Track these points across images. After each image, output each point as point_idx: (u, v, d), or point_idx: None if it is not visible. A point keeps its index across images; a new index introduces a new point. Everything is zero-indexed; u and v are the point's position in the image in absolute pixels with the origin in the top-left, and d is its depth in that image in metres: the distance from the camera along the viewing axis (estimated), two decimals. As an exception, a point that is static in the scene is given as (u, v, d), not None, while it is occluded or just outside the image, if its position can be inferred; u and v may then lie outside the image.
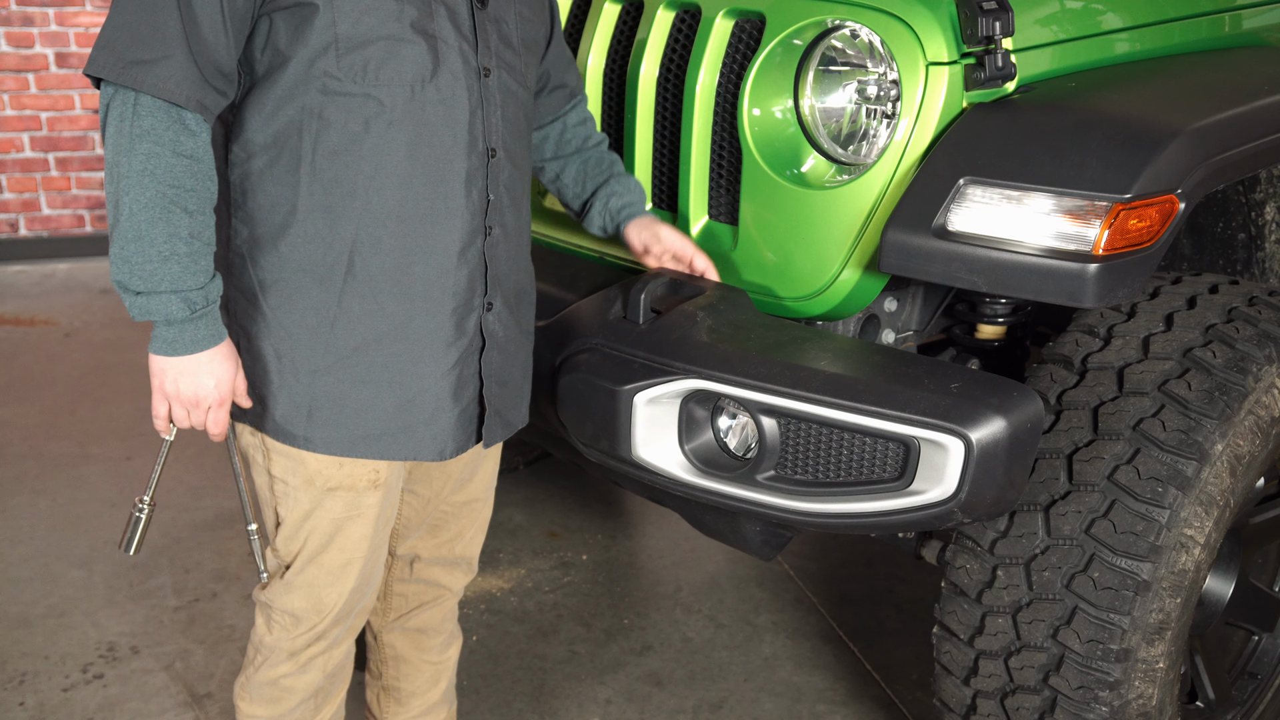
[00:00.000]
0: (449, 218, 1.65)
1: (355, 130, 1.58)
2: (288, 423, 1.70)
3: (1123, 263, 1.75)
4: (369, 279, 1.64)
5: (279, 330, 1.66)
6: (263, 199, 1.63)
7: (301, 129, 1.58)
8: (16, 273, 5.43)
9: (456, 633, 2.18)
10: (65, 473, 3.52)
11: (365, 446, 1.72)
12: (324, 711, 1.98)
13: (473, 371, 1.75)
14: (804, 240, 1.96)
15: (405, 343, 1.68)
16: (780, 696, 2.67)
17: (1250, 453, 1.91)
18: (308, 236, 1.62)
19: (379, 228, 1.62)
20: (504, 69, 1.69)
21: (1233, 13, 2.39)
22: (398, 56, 1.57)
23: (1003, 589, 1.93)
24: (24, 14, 5.29)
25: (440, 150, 1.62)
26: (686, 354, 1.85)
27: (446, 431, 1.75)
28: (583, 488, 3.54)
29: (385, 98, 1.57)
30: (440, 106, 1.61)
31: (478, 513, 2.05)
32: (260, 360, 1.68)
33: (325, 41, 1.54)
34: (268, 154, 1.61)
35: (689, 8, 2.09)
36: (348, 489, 1.76)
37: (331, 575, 1.81)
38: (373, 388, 1.69)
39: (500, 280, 1.75)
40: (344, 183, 1.60)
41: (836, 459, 1.79)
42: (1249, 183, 2.43)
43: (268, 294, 1.65)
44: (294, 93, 1.57)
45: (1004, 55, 1.84)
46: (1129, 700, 1.88)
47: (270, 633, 1.88)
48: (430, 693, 2.18)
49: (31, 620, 2.85)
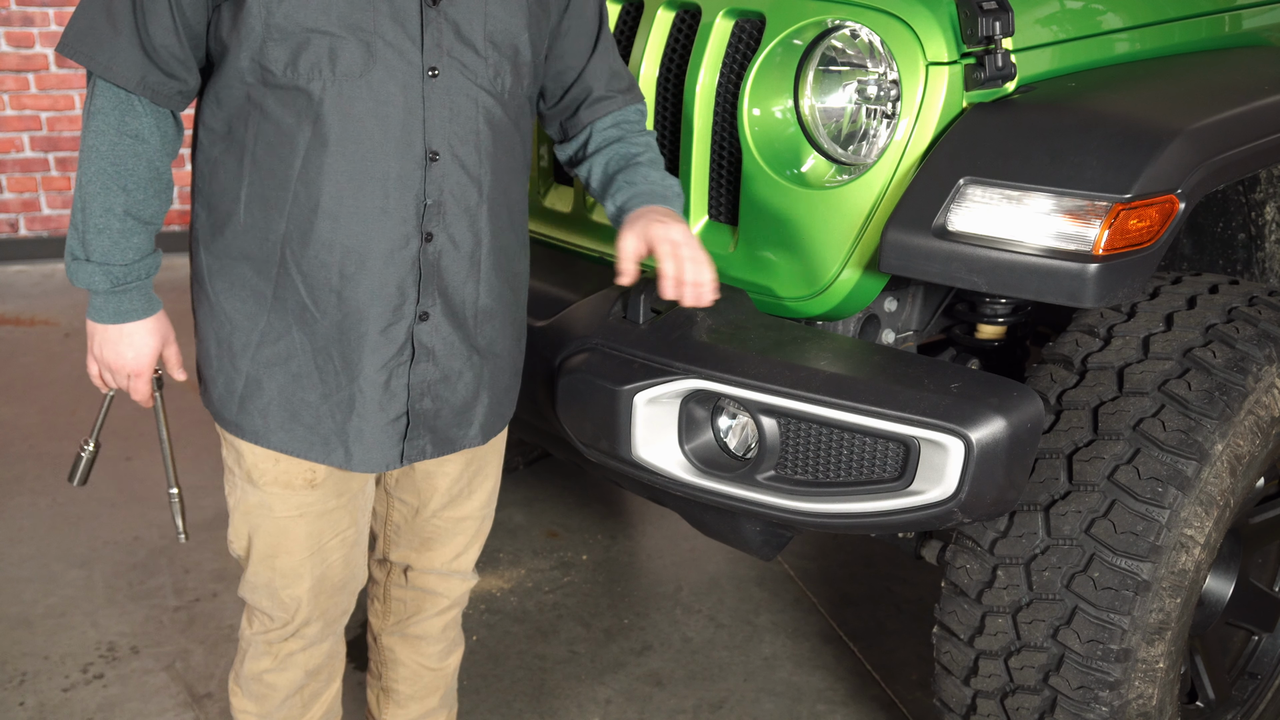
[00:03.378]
0: (378, 218, 1.62)
1: (288, 123, 1.58)
2: (222, 407, 1.74)
3: (1123, 263, 1.75)
4: (299, 273, 1.64)
5: (220, 315, 1.69)
6: (216, 186, 1.66)
7: (247, 119, 1.60)
8: (16, 273, 5.43)
9: (458, 641, 2.17)
10: (65, 472, 3.52)
11: (290, 443, 1.72)
12: (312, 710, 1.98)
13: (402, 383, 1.71)
14: (804, 240, 1.96)
15: (334, 344, 1.67)
16: (780, 696, 2.67)
17: (1250, 453, 1.91)
18: (246, 226, 1.64)
19: (305, 222, 1.61)
20: (458, 70, 1.63)
21: (1233, 13, 2.39)
22: (329, 51, 1.56)
23: (1003, 589, 1.93)
24: (24, 14, 5.29)
25: (369, 149, 1.60)
26: (686, 354, 1.85)
27: (372, 442, 1.72)
28: (583, 488, 3.54)
29: (313, 90, 1.56)
30: (371, 104, 1.58)
31: (475, 529, 2.02)
32: (204, 343, 1.73)
33: (259, 33, 1.55)
34: (223, 142, 1.64)
35: (689, 8, 2.09)
36: (284, 486, 1.76)
37: (285, 578, 1.83)
38: (300, 384, 1.69)
39: (448, 293, 1.69)
40: (277, 174, 1.61)
41: (836, 459, 1.79)
42: (1249, 183, 2.43)
43: (214, 279, 1.69)
44: (238, 83, 1.59)
45: (1004, 55, 1.84)
46: (1129, 700, 1.88)
47: (250, 626, 1.92)
48: (429, 699, 2.17)
49: (31, 620, 2.85)
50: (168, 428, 1.85)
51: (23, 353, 4.49)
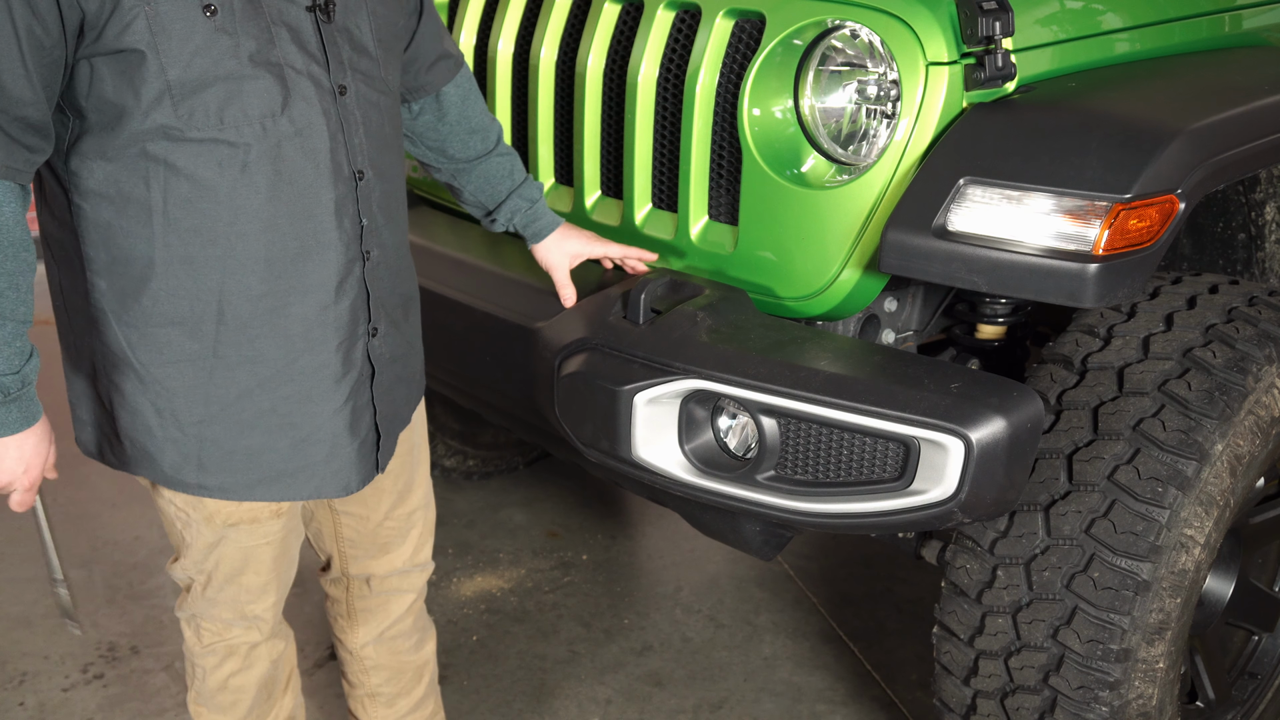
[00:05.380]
0: (322, 252, 1.56)
1: (208, 176, 1.47)
2: (179, 473, 1.63)
3: (1123, 263, 1.75)
4: (242, 326, 1.55)
5: (154, 386, 1.58)
6: (116, 252, 1.52)
7: (148, 178, 1.47)
8: (16, 273, 5.43)
9: (429, 626, 2.17)
10: (65, 473, 3.50)
11: (264, 490, 1.66)
12: (280, 700, 1.97)
13: (365, 401, 1.68)
14: (804, 240, 1.96)
15: (291, 384, 1.60)
16: (780, 696, 2.67)
17: (1250, 453, 1.91)
18: (170, 290, 1.52)
19: (246, 274, 1.52)
20: (361, 80, 1.58)
21: (1233, 13, 2.39)
22: (241, 94, 1.45)
23: (1003, 589, 1.93)
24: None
25: (303, 184, 1.52)
26: (686, 354, 1.85)
27: (348, 466, 1.69)
28: (583, 488, 3.54)
29: (235, 139, 1.46)
30: (297, 139, 1.50)
31: (424, 519, 2.02)
32: (139, 416, 1.60)
33: (158, 90, 1.42)
34: (113, 205, 1.50)
35: (689, 8, 2.09)
36: (250, 522, 1.73)
37: (252, 594, 1.82)
38: (262, 432, 1.62)
39: (383, 302, 1.67)
40: (203, 231, 1.50)
41: (836, 459, 1.79)
42: (1249, 183, 2.43)
43: (136, 350, 1.56)
44: (132, 141, 1.45)
45: (1004, 55, 1.84)
46: (1129, 700, 1.88)
47: (201, 640, 1.86)
48: (415, 690, 2.17)
49: (32, 620, 2.86)
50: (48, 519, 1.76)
51: (23, 353, 4.49)
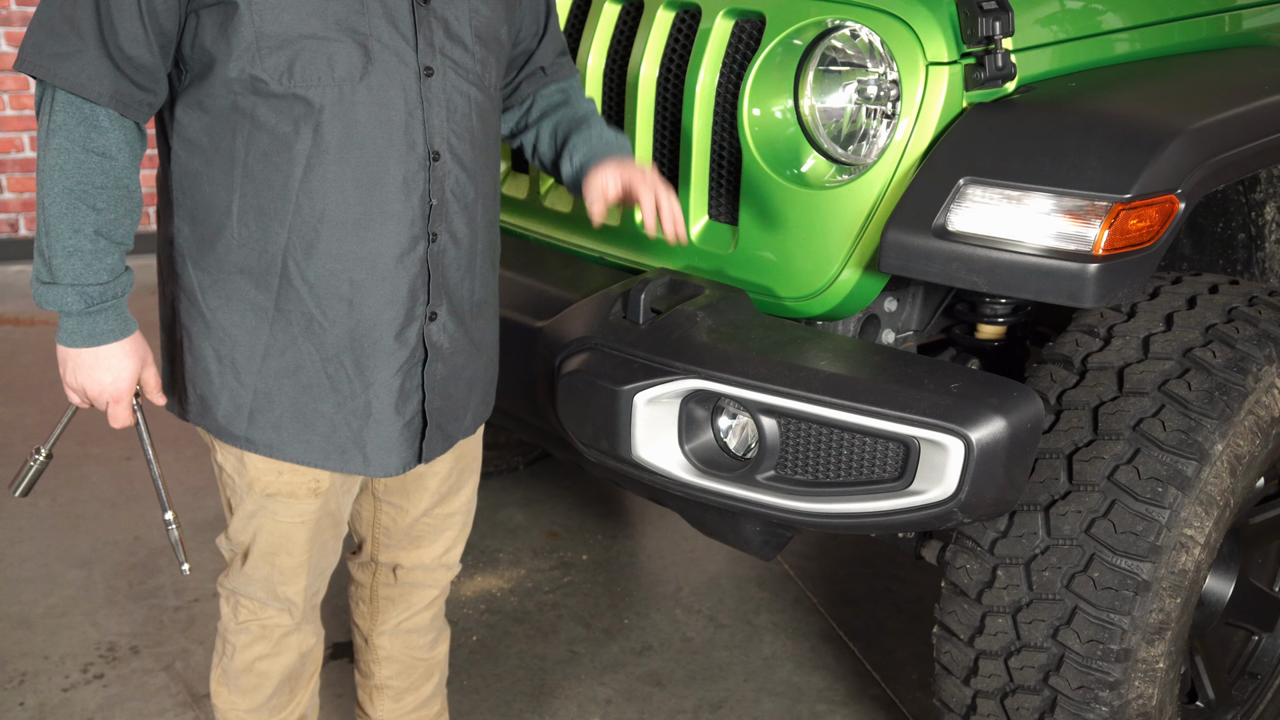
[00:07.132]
0: (385, 222, 1.61)
1: (285, 132, 1.54)
2: (230, 423, 1.69)
3: (1123, 263, 1.75)
4: (304, 284, 1.61)
5: (218, 331, 1.64)
6: (200, 199, 1.60)
7: (235, 129, 1.55)
8: (16, 273, 5.42)
9: (445, 627, 2.19)
10: (65, 473, 3.52)
11: (305, 453, 1.69)
12: (299, 696, 1.98)
13: (415, 384, 1.71)
14: (804, 240, 1.96)
15: (344, 350, 1.65)
16: (780, 696, 2.67)
17: (1250, 453, 1.91)
18: (242, 239, 1.59)
19: (311, 232, 1.58)
20: (451, 68, 1.63)
21: (1233, 13, 2.39)
22: (322, 55, 1.52)
23: (1003, 589, 1.93)
24: (24, 14, 5.29)
25: (374, 153, 1.58)
26: (686, 354, 1.85)
27: (390, 445, 1.72)
28: (583, 488, 3.54)
29: (313, 98, 1.53)
30: (373, 107, 1.56)
31: (462, 523, 2.04)
32: (201, 361, 1.67)
33: (248, 41, 1.50)
34: (205, 154, 1.59)
35: (689, 8, 2.09)
36: (288, 495, 1.75)
37: (285, 575, 1.84)
38: (312, 394, 1.66)
39: (449, 290, 1.70)
40: (275, 185, 1.56)
41: (836, 459, 1.79)
42: (1249, 183, 2.43)
43: (207, 295, 1.63)
44: (225, 92, 1.54)
45: (1004, 55, 1.84)
46: (1129, 700, 1.88)
47: (237, 617, 1.90)
48: (424, 687, 2.19)
49: (31, 620, 2.85)
50: (154, 450, 1.77)
51: (23, 353, 4.49)
